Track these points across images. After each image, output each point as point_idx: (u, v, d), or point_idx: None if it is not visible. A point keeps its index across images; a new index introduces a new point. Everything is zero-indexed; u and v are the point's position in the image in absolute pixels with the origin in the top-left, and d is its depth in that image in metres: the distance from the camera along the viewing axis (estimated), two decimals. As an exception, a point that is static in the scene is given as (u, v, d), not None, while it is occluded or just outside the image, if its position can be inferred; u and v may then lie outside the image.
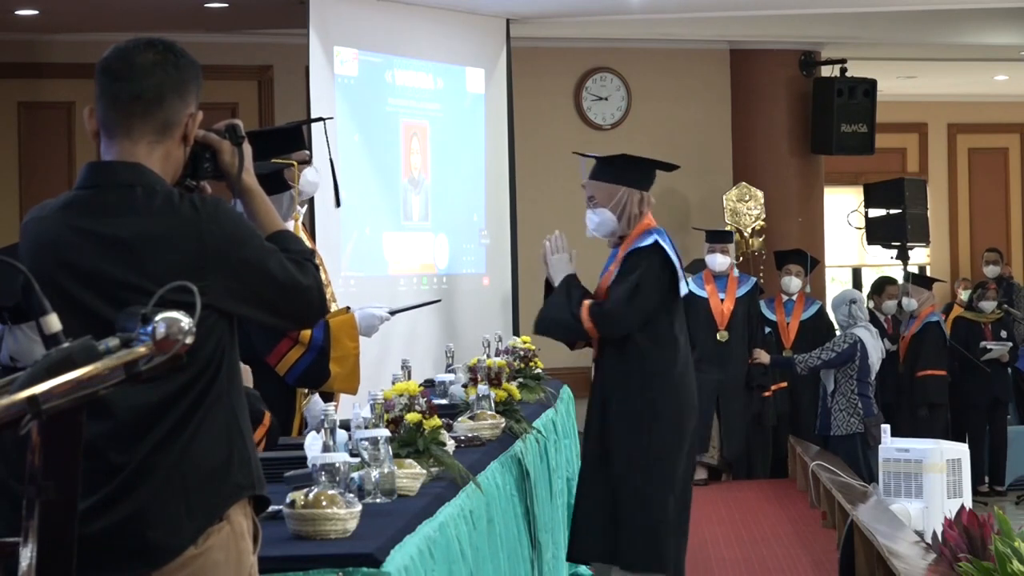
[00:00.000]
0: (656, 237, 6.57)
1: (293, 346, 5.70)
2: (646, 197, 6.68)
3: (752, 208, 14.14)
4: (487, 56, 12.41)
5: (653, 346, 6.55)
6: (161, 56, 3.24)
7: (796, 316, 12.92)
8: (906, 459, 9.58)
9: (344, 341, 5.78)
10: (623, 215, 6.61)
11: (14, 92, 13.03)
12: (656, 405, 6.52)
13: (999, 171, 19.09)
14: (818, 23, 13.83)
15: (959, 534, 6.35)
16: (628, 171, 6.69)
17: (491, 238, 12.31)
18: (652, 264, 6.51)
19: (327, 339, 5.72)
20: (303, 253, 3.34)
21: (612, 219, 6.61)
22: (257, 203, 3.40)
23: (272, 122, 12.96)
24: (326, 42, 10.71)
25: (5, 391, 2.22)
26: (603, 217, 6.61)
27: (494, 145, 12.40)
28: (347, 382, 5.76)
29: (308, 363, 5.72)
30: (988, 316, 13.86)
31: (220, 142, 3.35)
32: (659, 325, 6.57)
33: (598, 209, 6.62)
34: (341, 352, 5.76)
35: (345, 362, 5.77)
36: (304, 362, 5.72)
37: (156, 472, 3.07)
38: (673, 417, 6.55)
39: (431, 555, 4.30)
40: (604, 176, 6.66)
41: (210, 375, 3.13)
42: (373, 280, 10.98)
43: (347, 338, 5.81)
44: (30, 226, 3.24)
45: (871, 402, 11.52)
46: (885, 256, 15.65)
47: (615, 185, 6.62)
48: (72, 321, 2.57)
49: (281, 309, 3.29)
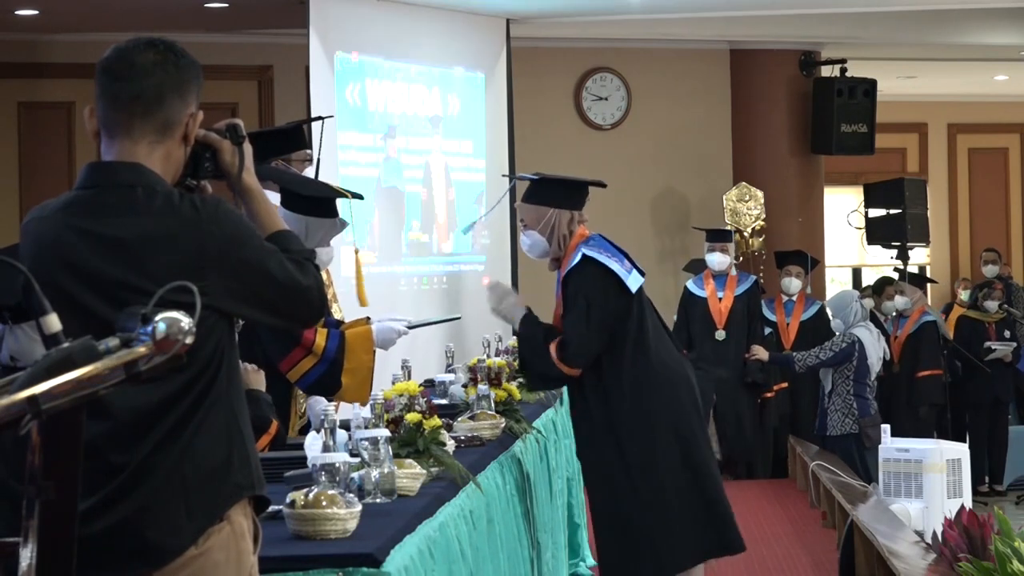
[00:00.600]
0: (583, 250, 6.51)
1: (306, 355, 5.71)
2: (576, 216, 6.64)
3: (752, 208, 14.14)
4: (487, 56, 12.41)
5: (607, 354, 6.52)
6: (162, 56, 3.24)
7: (796, 317, 12.92)
8: (906, 459, 9.59)
9: (359, 353, 5.78)
10: (553, 237, 6.59)
11: (14, 92, 13.03)
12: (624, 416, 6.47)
13: (999, 171, 19.10)
14: (818, 23, 13.83)
15: (959, 534, 6.35)
16: (554, 192, 6.68)
17: (491, 238, 12.31)
18: (591, 279, 6.48)
19: (340, 351, 5.72)
20: (303, 253, 3.34)
21: (542, 241, 6.60)
22: (257, 203, 3.40)
23: (272, 122, 12.96)
24: (326, 42, 10.72)
25: (5, 391, 2.22)
26: (533, 240, 6.60)
27: (494, 145, 12.41)
28: (357, 394, 5.76)
29: (320, 374, 5.73)
30: (992, 316, 13.86)
31: (220, 141, 3.34)
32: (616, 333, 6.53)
33: (528, 231, 6.62)
34: (354, 364, 5.76)
35: (357, 374, 5.77)
36: (316, 372, 5.72)
37: (156, 472, 3.07)
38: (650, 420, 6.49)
39: (431, 555, 4.31)
40: (532, 199, 6.65)
41: (210, 375, 3.13)
42: (373, 280, 10.97)
43: (362, 351, 5.81)
44: (30, 226, 3.23)
45: (867, 402, 11.50)
46: (885, 256, 15.65)
47: (543, 207, 6.61)
48: (72, 321, 2.57)
49: (281, 309, 3.29)
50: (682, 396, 6.52)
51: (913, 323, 13.20)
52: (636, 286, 6.52)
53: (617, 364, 6.48)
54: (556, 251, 6.60)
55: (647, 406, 6.44)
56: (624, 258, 6.56)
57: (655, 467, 6.42)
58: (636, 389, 6.44)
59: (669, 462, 6.44)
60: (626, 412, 6.43)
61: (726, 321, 12.38)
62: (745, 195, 14.15)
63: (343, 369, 5.75)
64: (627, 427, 6.43)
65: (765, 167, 14.43)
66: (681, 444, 6.47)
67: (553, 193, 6.66)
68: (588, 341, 6.44)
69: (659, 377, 6.51)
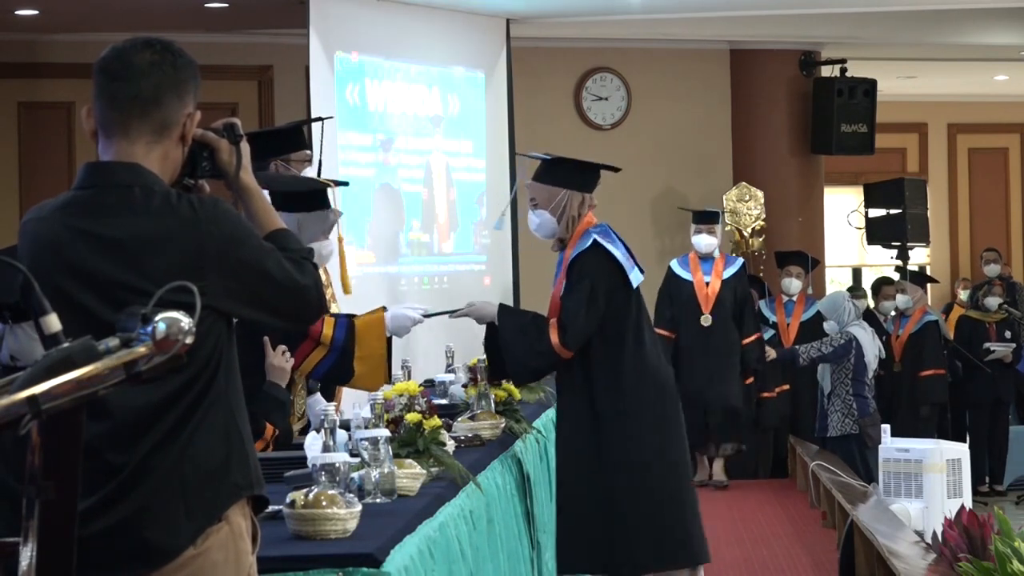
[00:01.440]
0: (595, 236, 6.54)
1: (315, 347, 5.71)
2: (587, 199, 6.67)
3: (752, 208, 14.14)
4: (487, 56, 12.41)
5: (604, 346, 6.52)
6: (159, 56, 3.24)
7: (796, 317, 12.90)
8: (906, 459, 9.58)
9: (370, 340, 5.78)
10: (562, 217, 6.61)
11: (14, 92, 13.02)
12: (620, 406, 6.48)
13: (999, 171, 19.09)
14: (818, 23, 13.83)
15: (959, 534, 6.35)
16: (568, 174, 6.70)
17: (492, 237, 12.31)
18: (598, 264, 6.50)
19: (350, 339, 5.73)
20: (301, 252, 3.33)
21: (552, 221, 6.61)
22: (255, 202, 3.39)
23: (272, 122, 12.96)
24: (326, 42, 10.71)
25: (5, 391, 2.22)
26: (543, 219, 6.61)
27: (494, 145, 12.41)
28: (371, 380, 5.76)
29: (331, 364, 5.73)
30: (992, 316, 13.85)
31: (218, 141, 3.34)
32: (608, 326, 6.53)
33: (538, 211, 6.62)
34: (366, 351, 5.76)
35: (369, 361, 5.77)
36: (327, 363, 5.73)
37: (155, 473, 3.07)
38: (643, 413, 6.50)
39: (431, 555, 4.31)
40: (546, 179, 6.65)
41: (208, 375, 3.13)
42: (373, 280, 10.98)
43: (373, 337, 5.80)
44: (28, 227, 3.23)
45: (866, 401, 11.50)
46: (885, 256, 15.65)
47: (556, 188, 6.62)
48: (71, 322, 2.57)
49: (280, 309, 3.28)
50: (667, 401, 6.55)
51: (915, 322, 13.19)
52: (637, 283, 6.56)
53: (617, 358, 6.48)
54: (563, 232, 6.61)
55: (639, 402, 6.46)
56: (628, 254, 6.59)
57: (633, 467, 6.43)
58: (632, 385, 6.45)
59: (646, 462, 6.45)
60: (619, 408, 6.44)
61: (713, 306, 12.05)
62: (745, 195, 14.15)
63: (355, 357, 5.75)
64: (616, 423, 6.44)
65: (765, 167, 14.42)
66: (662, 446, 6.49)
67: (567, 174, 6.67)
68: (586, 324, 6.44)
69: (653, 377, 6.53)
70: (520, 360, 6.55)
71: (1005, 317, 13.88)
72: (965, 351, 13.59)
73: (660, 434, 6.50)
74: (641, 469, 6.45)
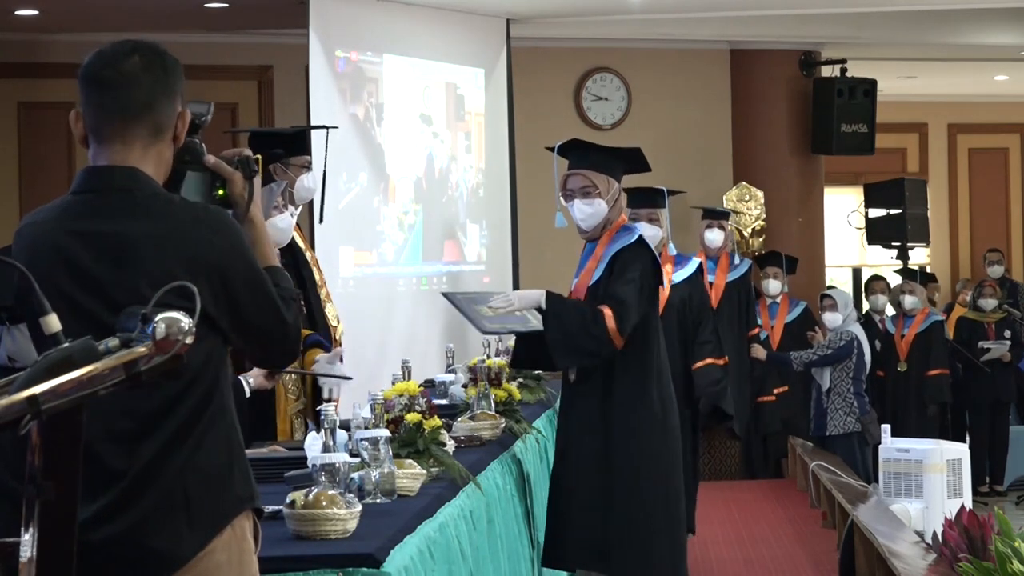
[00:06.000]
0: (639, 232, 6.51)
1: None
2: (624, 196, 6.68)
3: (752, 208, 14.14)
4: (487, 56, 12.41)
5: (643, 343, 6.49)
6: (148, 60, 3.25)
7: (780, 319, 12.84)
8: (906, 459, 9.58)
9: None
10: (612, 210, 6.52)
11: (14, 92, 13.02)
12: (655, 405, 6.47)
13: (999, 171, 19.09)
14: (818, 23, 13.83)
15: (959, 534, 6.35)
16: (630, 165, 6.66)
17: (491, 237, 12.31)
18: (645, 260, 6.44)
19: None
20: (290, 292, 3.34)
21: (606, 210, 6.48)
22: (259, 235, 3.41)
23: (272, 122, 12.96)
24: (326, 42, 10.71)
25: (5, 391, 2.22)
26: (597, 208, 6.44)
27: (494, 145, 12.41)
28: None
29: None
30: (991, 316, 13.85)
31: (233, 174, 3.38)
32: (638, 326, 6.49)
33: (595, 200, 6.44)
34: None
35: None
36: None
37: (158, 482, 3.07)
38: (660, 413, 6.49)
39: (431, 555, 4.31)
40: (603, 168, 6.50)
41: (206, 385, 3.12)
42: (373, 280, 10.98)
43: None
44: (25, 231, 3.23)
45: (865, 400, 11.53)
46: (885, 256, 15.64)
47: (612, 179, 6.54)
48: (70, 323, 2.57)
49: (258, 333, 3.23)
50: (674, 407, 6.55)
51: (920, 322, 13.17)
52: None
53: (644, 360, 6.41)
54: (604, 225, 6.51)
55: (662, 407, 6.43)
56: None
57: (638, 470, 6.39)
58: (653, 388, 6.41)
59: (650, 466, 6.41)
60: (637, 410, 6.38)
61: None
62: (745, 195, 14.15)
63: None
64: (630, 425, 6.40)
65: (765, 167, 14.42)
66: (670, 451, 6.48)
67: (621, 168, 6.60)
68: (636, 314, 6.30)
69: (669, 382, 6.52)
70: (573, 337, 6.27)
71: (1004, 317, 13.88)
72: (964, 351, 13.59)
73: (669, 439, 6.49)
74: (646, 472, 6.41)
